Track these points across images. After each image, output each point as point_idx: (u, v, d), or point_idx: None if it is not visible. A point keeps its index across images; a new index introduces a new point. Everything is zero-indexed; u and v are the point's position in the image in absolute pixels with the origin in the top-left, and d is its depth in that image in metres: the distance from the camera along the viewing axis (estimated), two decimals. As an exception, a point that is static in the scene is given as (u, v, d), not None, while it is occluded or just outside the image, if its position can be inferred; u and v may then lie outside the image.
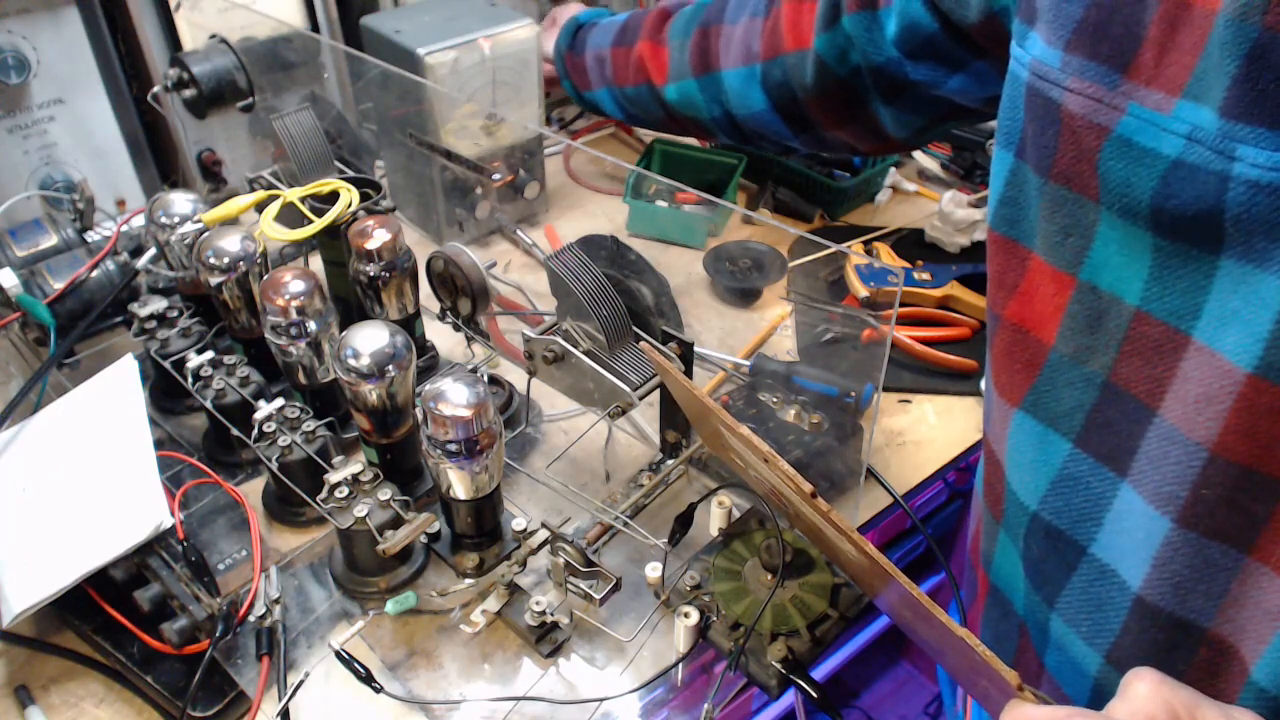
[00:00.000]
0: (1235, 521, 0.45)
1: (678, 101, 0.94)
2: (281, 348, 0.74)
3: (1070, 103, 0.46)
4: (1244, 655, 0.47)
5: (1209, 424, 0.44)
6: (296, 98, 1.07)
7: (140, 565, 0.65)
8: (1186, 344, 0.45)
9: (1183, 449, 0.46)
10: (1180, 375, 0.46)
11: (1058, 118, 0.47)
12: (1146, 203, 0.44)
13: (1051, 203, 0.50)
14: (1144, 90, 0.44)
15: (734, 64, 0.88)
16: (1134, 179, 0.44)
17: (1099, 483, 0.51)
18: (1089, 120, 0.46)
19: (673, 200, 1.12)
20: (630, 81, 0.97)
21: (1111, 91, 0.45)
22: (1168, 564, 0.48)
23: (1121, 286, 0.47)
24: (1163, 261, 0.45)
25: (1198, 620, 0.48)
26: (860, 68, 0.77)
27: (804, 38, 0.81)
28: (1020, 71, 0.50)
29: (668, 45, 0.93)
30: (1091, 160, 0.46)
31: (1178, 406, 0.46)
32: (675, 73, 0.93)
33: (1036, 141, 0.50)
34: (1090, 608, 0.52)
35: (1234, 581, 0.46)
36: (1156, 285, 0.46)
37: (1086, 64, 0.46)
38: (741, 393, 0.84)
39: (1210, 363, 0.44)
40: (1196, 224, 0.42)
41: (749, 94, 0.87)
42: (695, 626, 0.63)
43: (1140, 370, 0.48)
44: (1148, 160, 0.43)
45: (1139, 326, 0.47)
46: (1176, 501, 0.46)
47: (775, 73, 0.84)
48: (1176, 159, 0.42)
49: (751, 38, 0.86)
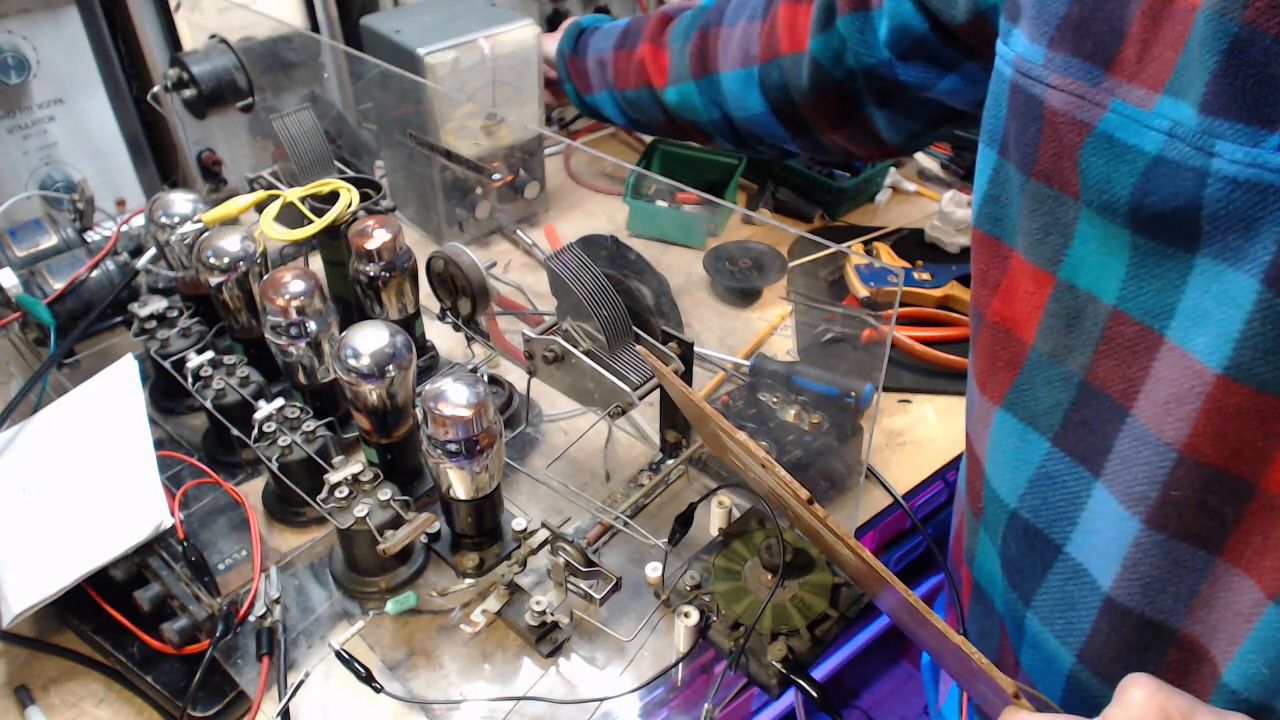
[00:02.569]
0: (1205, 523, 0.45)
1: (677, 104, 0.94)
2: (281, 348, 0.74)
3: (1052, 99, 0.46)
4: (1214, 657, 0.47)
5: (1179, 425, 0.44)
6: (296, 98, 1.07)
7: (140, 565, 0.65)
8: (1160, 344, 0.45)
9: (1153, 449, 0.46)
10: (1153, 375, 0.45)
11: (1040, 115, 0.47)
12: (1126, 200, 0.44)
13: (1032, 200, 0.49)
14: (1126, 86, 0.43)
15: (732, 66, 0.88)
16: (1114, 176, 0.44)
17: (1074, 482, 0.51)
18: (1071, 117, 0.45)
19: (673, 200, 1.12)
20: (631, 84, 0.98)
21: (1094, 88, 0.45)
22: (1137, 565, 0.48)
23: (1099, 285, 0.47)
24: (1139, 260, 0.45)
25: (1167, 621, 0.48)
26: (854, 70, 0.78)
27: (800, 40, 0.81)
28: (1004, 69, 0.50)
29: (668, 48, 0.94)
30: (1073, 157, 0.46)
31: (1150, 407, 0.46)
32: (675, 76, 0.93)
33: (1019, 139, 0.49)
34: (1064, 607, 0.53)
35: (1204, 583, 0.46)
36: (1133, 284, 0.46)
37: (1069, 60, 0.46)
38: (741, 393, 0.84)
39: (1181, 363, 0.44)
40: (1174, 221, 0.42)
41: (747, 96, 0.88)
42: (695, 626, 0.63)
43: (1115, 370, 0.47)
44: (1128, 157, 0.43)
45: (1115, 326, 0.47)
46: (1146, 502, 0.46)
47: (773, 75, 0.84)
48: (1157, 155, 0.42)
49: (749, 40, 0.86)
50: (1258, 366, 0.41)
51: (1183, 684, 0.48)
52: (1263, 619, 0.44)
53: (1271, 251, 0.39)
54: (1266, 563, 0.44)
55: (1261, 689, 0.45)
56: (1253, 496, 0.43)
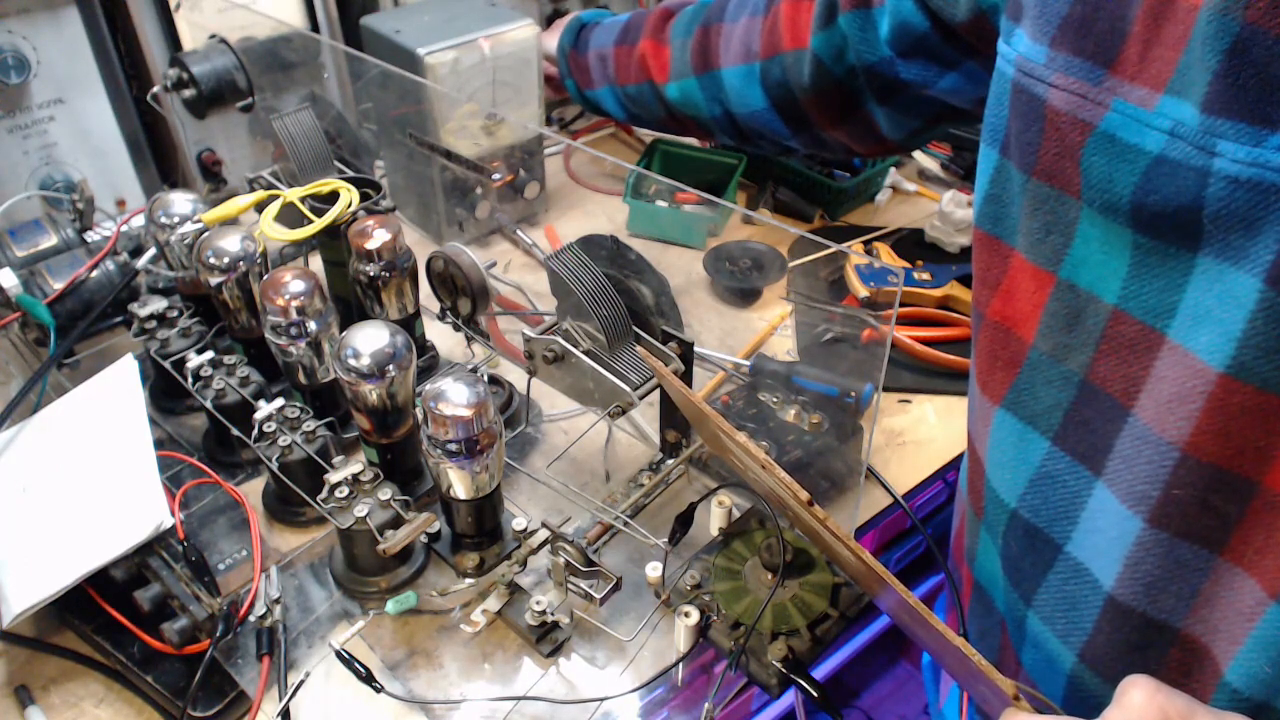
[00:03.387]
0: (1207, 522, 0.45)
1: (679, 100, 0.95)
2: (281, 348, 0.74)
3: (1054, 99, 0.46)
4: (1216, 656, 0.47)
5: (1181, 424, 0.44)
6: (296, 98, 1.07)
7: (140, 565, 0.65)
8: (1161, 343, 0.45)
9: (1155, 448, 0.46)
10: (1154, 374, 0.46)
11: (1042, 114, 0.47)
12: (1127, 199, 0.44)
13: (1034, 200, 0.50)
14: (1128, 86, 0.43)
15: (734, 62, 0.88)
16: (1116, 175, 0.44)
17: (1075, 481, 0.51)
18: (1073, 116, 0.46)
19: (673, 200, 1.12)
20: (632, 80, 0.98)
21: (1096, 87, 0.45)
22: (1139, 564, 0.48)
23: (1100, 285, 0.47)
24: (1141, 259, 0.45)
25: (1169, 620, 0.48)
26: (855, 67, 0.78)
27: (801, 36, 0.81)
28: (1006, 68, 0.50)
29: (670, 44, 0.94)
30: (1074, 156, 0.46)
31: (1151, 406, 0.46)
32: (677, 71, 0.93)
33: (1020, 138, 0.50)
34: (1065, 606, 0.53)
35: (1206, 582, 0.46)
36: (1134, 283, 0.46)
37: (1071, 60, 0.46)
38: (741, 393, 0.84)
39: (1183, 362, 0.44)
40: (1176, 221, 0.42)
41: (748, 93, 0.88)
42: (695, 626, 0.63)
43: (1116, 369, 0.47)
44: (1130, 156, 0.43)
45: (1116, 325, 0.47)
46: (1148, 501, 0.46)
47: (774, 71, 0.85)
48: (1158, 155, 0.42)
49: (751, 36, 0.86)
50: (1260, 365, 0.41)
51: (1184, 683, 0.48)
52: (1265, 618, 0.44)
53: (1273, 251, 0.39)
54: (1268, 562, 0.44)
55: (1263, 688, 0.45)
56: (1255, 495, 0.43)
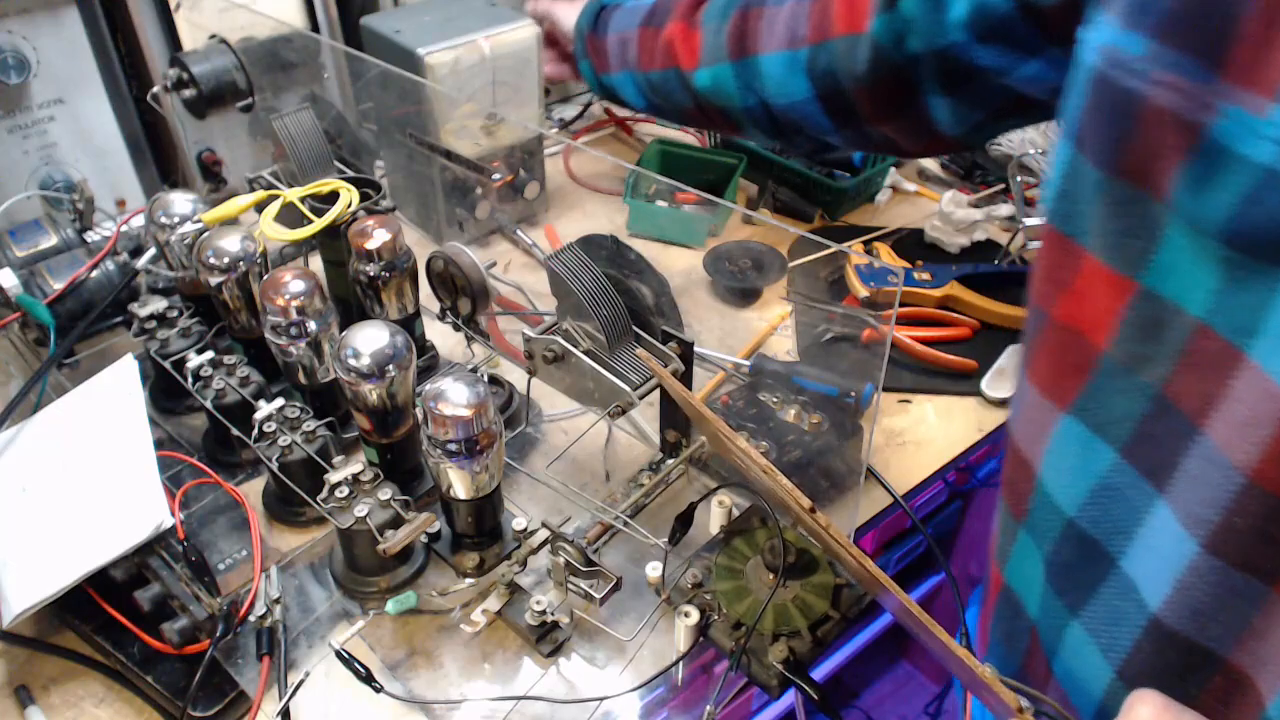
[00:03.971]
0: (1264, 553, 0.43)
1: (708, 89, 0.87)
2: (281, 348, 0.74)
3: (1155, 96, 0.43)
4: (1260, 689, 0.45)
5: (1250, 449, 0.42)
6: (296, 98, 1.07)
7: (140, 565, 0.65)
8: (1240, 362, 0.43)
9: (1221, 472, 0.44)
10: (1230, 395, 0.43)
11: (1135, 111, 0.44)
12: (1228, 210, 0.41)
13: (1114, 200, 0.47)
14: (1239, 90, 0.40)
15: (776, 48, 0.82)
16: (1219, 184, 0.41)
17: (1138, 496, 0.49)
18: (1177, 117, 0.42)
19: (673, 200, 1.12)
20: (656, 65, 0.91)
21: (1203, 88, 0.41)
22: (1190, 589, 0.46)
23: (1186, 295, 0.45)
24: (1230, 273, 0.42)
25: (1216, 649, 0.46)
26: (920, 54, 0.72)
27: (859, 21, 0.75)
28: (1088, 57, 0.47)
29: (701, 28, 0.87)
30: (1171, 159, 0.43)
31: (1223, 427, 0.44)
32: (708, 57, 0.86)
33: (1099, 133, 0.46)
34: (1110, 621, 0.51)
35: (1257, 615, 0.44)
36: (1224, 297, 0.43)
37: (1177, 56, 0.42)
38: (741, 393, 0.84)
39: (1260, 385, 0.42)
40: (1276, 236, 0.40)
41: (790, 81, 0.81)
42: (696, 626, 0.63)
43: (1193, 385, 0.45)
44: (1236, 166, 0.40)
45: (1199, 339, 0.44)
46: (1206, 525, 0.45)
47: (822, 59, 0.78)
48: (1269, 166, 0.39)
49: (798, 21, 0.80)
50: None
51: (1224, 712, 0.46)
52: None
53: None
54: None
55: None
56: None
